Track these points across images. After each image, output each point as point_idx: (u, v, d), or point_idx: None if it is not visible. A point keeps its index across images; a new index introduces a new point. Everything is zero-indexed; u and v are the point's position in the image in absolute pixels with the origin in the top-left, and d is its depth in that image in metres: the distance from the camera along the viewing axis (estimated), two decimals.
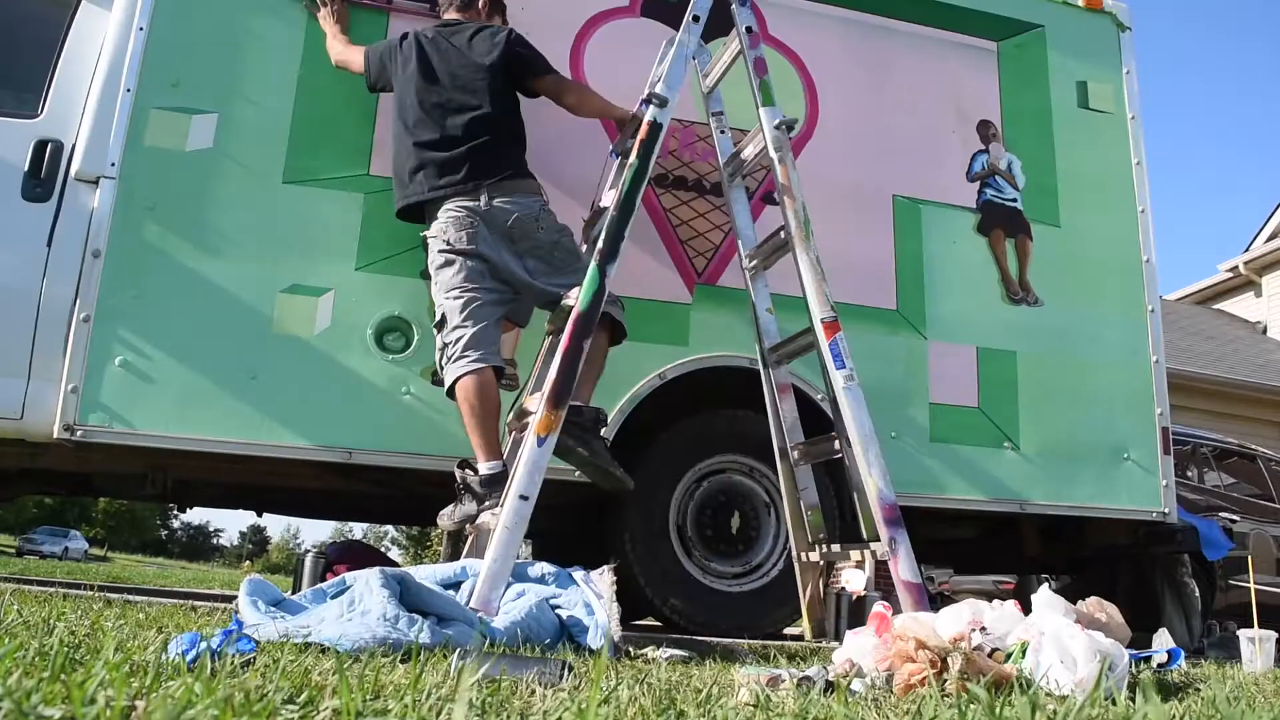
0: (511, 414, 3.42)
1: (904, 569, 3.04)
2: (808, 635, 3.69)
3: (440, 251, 3.36)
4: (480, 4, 3.73)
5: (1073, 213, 4.58)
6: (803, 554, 3.66)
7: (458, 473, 3.25)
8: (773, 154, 3.48)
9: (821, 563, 3.65)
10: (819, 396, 3.86)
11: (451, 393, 3.29)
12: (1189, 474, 7.29)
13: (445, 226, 3.35)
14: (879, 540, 3.13)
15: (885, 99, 4.44)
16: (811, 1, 4.39)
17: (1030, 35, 4.70)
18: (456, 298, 3.30)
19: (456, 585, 2.84)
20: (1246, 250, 16.29)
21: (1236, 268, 16.40)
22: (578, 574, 2.90)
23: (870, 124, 4.39)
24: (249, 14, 3.73)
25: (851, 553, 3.41)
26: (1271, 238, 15.88)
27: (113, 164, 3.48)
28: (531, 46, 3.59)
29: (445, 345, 3.29)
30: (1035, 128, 4.63)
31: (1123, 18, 4.85)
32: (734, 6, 3.64)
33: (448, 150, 3.39)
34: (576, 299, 3.12)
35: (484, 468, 3.21)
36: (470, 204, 3.35)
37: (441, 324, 3.32)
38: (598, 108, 3.74)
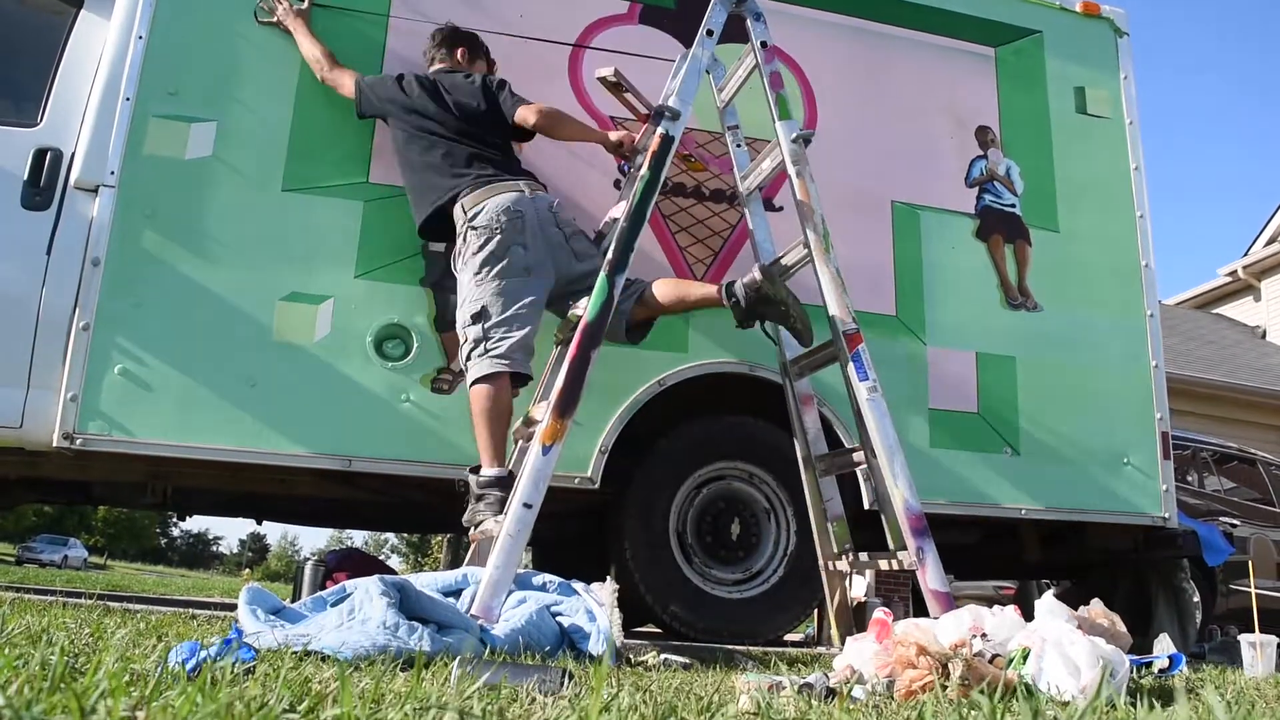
0: (519, 422, 3.42)
1: (932, 578, 3.04)
2: (836, 642, 3.67)
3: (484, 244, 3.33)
4: (458, 53, 3.71)
5: (1071, 218, 4.57)
6: (829, 563, 3.65)
7: (470, 478, 3.25)
8: (790, 168, 3.48)
9: (849, 571, 3.64)
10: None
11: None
12: (1189, 479, 7.29)
13: (493, 217, 3.33)
14: (905, 550, 3.13)
15: (883, 105, 4.45)
16: (809, 8, 4.40)
17: (1028, 41, 4.71)
18: (501, 293, 3.30)
19: (457, 593, 2.83)
20: (1245, 254, 16.31)
21: (1235, 272, 16.41)
22: (579, 585, 2.90)
23: (868, 130, 4.39)
24: (248, 22, 3.74)
25: (880, 561, 3.40)
26: (1270, 241, 15.90)
27: (112, 172, 3.48)
28: (505, 87, 3.57)
29: (482, 339, 3.27)
30: (1033, 133, 4.63)
31: (1120, 23, 4.84)
32: (749, 22, 3.64)
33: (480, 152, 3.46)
34: (585, 309, 3.13)
35: (486, 471, 3.21)
36: (516, 196, 3.38)
37: (480, 316, 3.29)
38: (572, 133, 3.69)
